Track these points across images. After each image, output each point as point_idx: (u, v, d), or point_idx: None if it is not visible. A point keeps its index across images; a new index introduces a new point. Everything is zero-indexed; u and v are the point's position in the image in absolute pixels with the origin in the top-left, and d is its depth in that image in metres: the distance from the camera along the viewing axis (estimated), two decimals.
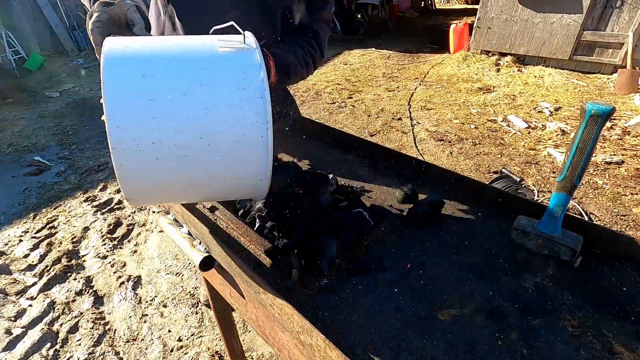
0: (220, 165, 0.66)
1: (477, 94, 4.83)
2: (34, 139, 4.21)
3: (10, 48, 6.49)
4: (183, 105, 0.61)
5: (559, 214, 0.79)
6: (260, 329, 0.90)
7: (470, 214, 0.97)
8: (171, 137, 0.60)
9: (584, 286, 0.74)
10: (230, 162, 0.66)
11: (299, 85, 5.60)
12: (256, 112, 0.63)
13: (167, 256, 2.49)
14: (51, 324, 2.03)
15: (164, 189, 0.68)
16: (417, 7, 11.70)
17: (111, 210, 2.96)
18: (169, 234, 1.00)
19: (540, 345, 0.63)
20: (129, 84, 0.59)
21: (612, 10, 4.78)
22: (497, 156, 3.40)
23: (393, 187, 1.10)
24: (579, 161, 0.74)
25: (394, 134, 3.98)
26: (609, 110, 0.68)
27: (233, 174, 0.68)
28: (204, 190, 0.72)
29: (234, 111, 0.63)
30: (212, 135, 0.62)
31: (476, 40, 6.08)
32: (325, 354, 0.60)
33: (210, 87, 0.62)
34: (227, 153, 0.64)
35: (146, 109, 0.59)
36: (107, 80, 0.59)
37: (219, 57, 0.65)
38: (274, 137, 0.66)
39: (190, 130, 0.61)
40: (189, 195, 0.75)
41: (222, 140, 0.63)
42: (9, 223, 2.86)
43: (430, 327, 0.67)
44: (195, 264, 0.88)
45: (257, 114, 0.63)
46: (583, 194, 2.82)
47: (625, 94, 4.47)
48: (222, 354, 1.84)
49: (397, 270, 0.80)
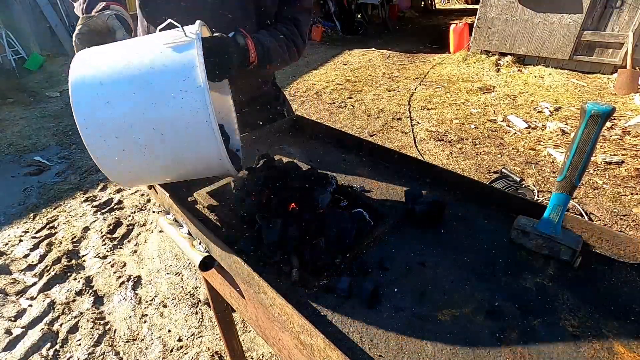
0: (178, 150, 0.75)
1: (477, 94, 4.83)
2: (34, 139, 4.21)
3: (10, 48, 6.49)
4: (135, 104, 0.71)
5: (559, 214, 0.79)
6: (260, 329, 0.90)
7: (470, 214, 0.97)
8: (130, 131, 0.72)
9: (584, 286, 0.74)
10: (186, 146, 0.75)
11: (300, 85, 5.60)
12: (197, 99, 0.70)
13: (167, 256, 2.49)
14: (51, 324, 2.03)
15: (138, 172, 0.81)
16: (417, 7, 11.71)
17: (111, 210, 2.96)
18: (169, 234, 1.00)
19: (540, 345, 0.63)
20: (90, 93, 0.71)
21: (612, 10, 4.79)
22: (497, 156, 3.40)
23: (393, 187, 1.10)
24: (579, 161, 0.74)
25: (394, 134, 3.98)
26: (609, 110, 0.68)
27: (192, 156, 0.77)
28: (174, 171, 0.83)
29: (178, 102, 0.70)
30: (163, 126, 0.72)
31: (476, 40, 6.08)
32: (325, 354, 0.60)
33: (154, 84, 0.71)
34: (180, 139, 0.73)
35: (105, 111, 0.71)
36: (73, 91, 0.71)
37: (161, 56, 0.73)
38: (274, 135, 0.69)
39: (144, 123, 0.71)
40: (163, 176, 0.87)
41: (174, 129, 0.72)
42: (9, 223, 2.86)
43: (430, 327, 0.67)
44: (195, 264, 0.88)
45: (198, 102, 0.70)
46: (583, 194, 2.82)
47: (625, 94, 4.47)
48: (222, 354, 1.84)
49: (397, 270, 0.80)
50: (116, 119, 0.71)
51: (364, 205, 0.97)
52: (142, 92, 0.70)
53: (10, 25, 6.60)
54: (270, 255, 0.82)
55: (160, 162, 0.77)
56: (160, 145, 0.73)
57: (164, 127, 0.72)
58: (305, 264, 0.79)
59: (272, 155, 1.14)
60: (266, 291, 0.70)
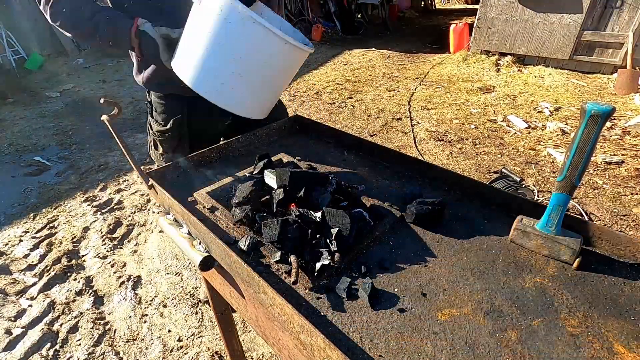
0: (262, 65, 1.03)
1: (477, 94, 4.83)
2: (34, 139, 4.21)
3: (10, 48, 6.49)
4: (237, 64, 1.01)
5: (559, 214, 0.79)
6: (260, 329, 0.90)
7: (470, 214, 0.97)
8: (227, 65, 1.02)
9: (584, 286, 0.74)
10: (263, 54, 1.00)
11: (300, 85, 5.60)
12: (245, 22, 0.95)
13: (167, 256, 2.49)
14: (51, 324, 2.03)
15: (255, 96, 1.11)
16: (417, 7, 11.71)
17: (111, 211, 2.96)
18: (169, 234, 1.00)
19: (540, 345, 0.63)
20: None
21: (612, 10, 4.79)
22: (497, 156, 3.40)
23: (393, 187, 1.11)
24: (579, 161, 0.74)
25: (394, 134, 3.98)
26: (609, 110, 0.68)
27: (272, 55, 1.02)
28: (274, 80, 1.10)
29: (238, 37, 0.97)
30: (241, 56, 1.00)
31: (476, 40, 6.08)
32: (325, 354, 0.60)
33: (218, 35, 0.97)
34: (256, 51, 1.00)
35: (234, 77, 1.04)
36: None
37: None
38: (274, 135, 0.73)
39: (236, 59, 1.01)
40: (268, 90, 1.13)
41: (246, 50, 0.99)
42: (9, 223, 2.86)
43: (430, 327, 0.67)
44: (195, 264, 0.88)
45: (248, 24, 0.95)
46: (583, 194, 2.82)
47: (625, 94, 4.47)
48: (222, 354, 1.84)
49: (397, 270, 0.80)
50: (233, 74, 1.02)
51: (364, 205, 0.97)
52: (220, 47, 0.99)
53: (10, 25, 6.60)
54: (269, 256, 0.82)
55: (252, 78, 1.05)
56: (248, 68, 1.02)
57: (241, 56, 1.00)
58: (305, 264, 0.79)
59: (272, 155, 1.14)
60: (266, 291, 0.70)
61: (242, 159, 1.30)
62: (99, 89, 5.83)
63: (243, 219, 0.92)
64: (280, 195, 0.91)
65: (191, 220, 0.89)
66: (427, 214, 0.91)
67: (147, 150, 1.59)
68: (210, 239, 0.83)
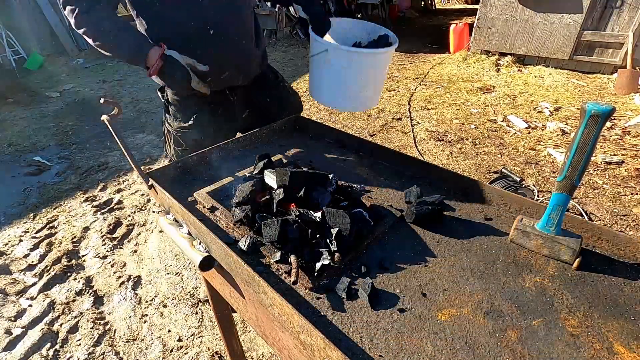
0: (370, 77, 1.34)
1: (477, 94, 4.83)
2: (34, 139, 4.21)
3: (10, 48, 6.49)
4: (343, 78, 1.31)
5: (559, 214, 0.79)
6: (260, 329, 0.90)
7: (471, 214, 0.97)
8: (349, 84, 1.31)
9: (584, 286, 0.74)
10: (383, 67, 1.36)
11: (299, 85, 5.60)
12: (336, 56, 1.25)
13: (167, 256, 2.49)
14: (51, 324, 2.03)
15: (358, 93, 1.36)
16: (417, 7, 11.70)
17: (111, 210, 2.96)
18: (169, 234, 1.00)
19: (540, 345, 0.63)
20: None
21: (612, 10, 4.79)
22: (497, 156, 3.40)
23: (393, 187, 1.11)
24: (579, 161, 0.74)
25: (394, 134, 3.98)
26: (609, 110, 0.68)
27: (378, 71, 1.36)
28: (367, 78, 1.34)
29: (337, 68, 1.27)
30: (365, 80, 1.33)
31: (476, 40, 6.08)
32: (325, 354, 0.60)
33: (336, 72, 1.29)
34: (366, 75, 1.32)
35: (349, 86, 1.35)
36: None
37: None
38: (274, 135, 0.72)
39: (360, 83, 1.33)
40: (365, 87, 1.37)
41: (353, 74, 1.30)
42: (9, 223, 2.86)
43: (430, 327, 0.67)
44: (195, 264, 0.88)
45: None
46: (583, 194, 2.82)
47: (625, 94, 4.47)
48: (222, 354, 1.84)
49: (397, 270, 0.80)
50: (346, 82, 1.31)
51: (364, 205, 0.97)
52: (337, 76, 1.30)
53: (10, 25, 6.60)
54: (269, 256, 0.82)
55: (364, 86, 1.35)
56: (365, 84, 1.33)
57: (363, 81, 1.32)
58: (305, 264, 0.79)
59: (272, 155, 1.14)
60: (266, 291, 0.70)
61: (242, 159, 1.30)
62: (99, 89, 5.83)
63: (243, 219, 0.92)
64: (280, 195, 0.91)
65: (191, 220, 0.89)
66: (427, 214, 0.91)
67: (163, 147, 1.63)
68: (210, 239, 0.83)
